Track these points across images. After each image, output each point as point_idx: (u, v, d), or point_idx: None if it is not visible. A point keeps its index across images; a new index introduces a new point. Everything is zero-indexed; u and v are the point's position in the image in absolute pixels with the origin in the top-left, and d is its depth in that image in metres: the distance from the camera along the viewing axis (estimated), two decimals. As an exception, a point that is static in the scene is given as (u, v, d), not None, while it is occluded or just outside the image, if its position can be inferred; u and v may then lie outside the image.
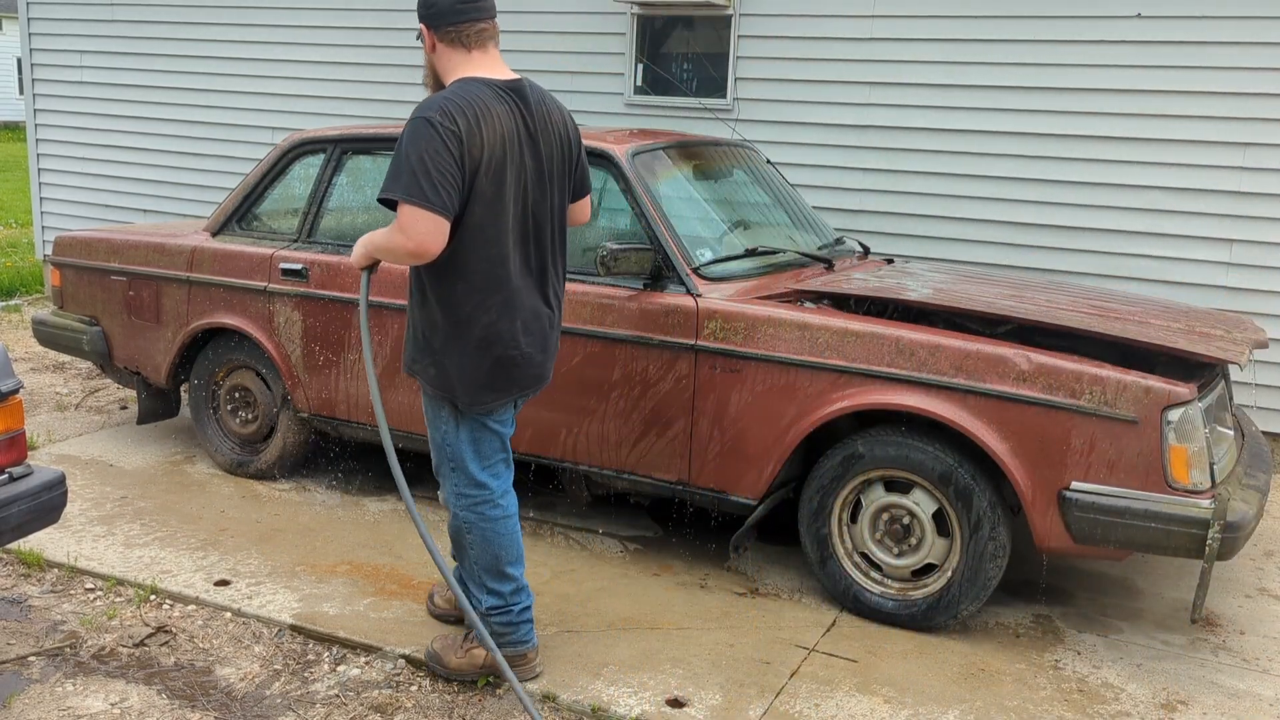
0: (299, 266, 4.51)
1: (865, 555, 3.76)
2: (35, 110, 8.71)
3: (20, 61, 13.41)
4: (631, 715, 3.11)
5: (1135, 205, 5.49)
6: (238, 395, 4.88)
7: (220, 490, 4.72)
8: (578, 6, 6.59)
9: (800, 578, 4.06)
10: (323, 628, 3.54)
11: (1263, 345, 4.06)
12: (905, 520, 3.67)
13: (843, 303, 4.04)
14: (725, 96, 6.29)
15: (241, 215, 4.84)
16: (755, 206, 4.64)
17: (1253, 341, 3.91)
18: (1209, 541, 3.22)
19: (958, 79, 5.74)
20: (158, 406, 5.19)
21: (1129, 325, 3.81)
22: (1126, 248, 5.55)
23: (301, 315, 4.53)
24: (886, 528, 3.70)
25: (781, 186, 4.90)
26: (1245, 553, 4.44)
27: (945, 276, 4.50)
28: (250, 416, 4.86)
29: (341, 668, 3.37)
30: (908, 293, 3.98)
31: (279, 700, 3.19)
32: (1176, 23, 5.30)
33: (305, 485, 4.82)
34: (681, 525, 4.52)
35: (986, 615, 3.83)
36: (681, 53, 6.44)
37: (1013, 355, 3.45)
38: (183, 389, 5.25)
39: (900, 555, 3.69)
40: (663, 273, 3.91)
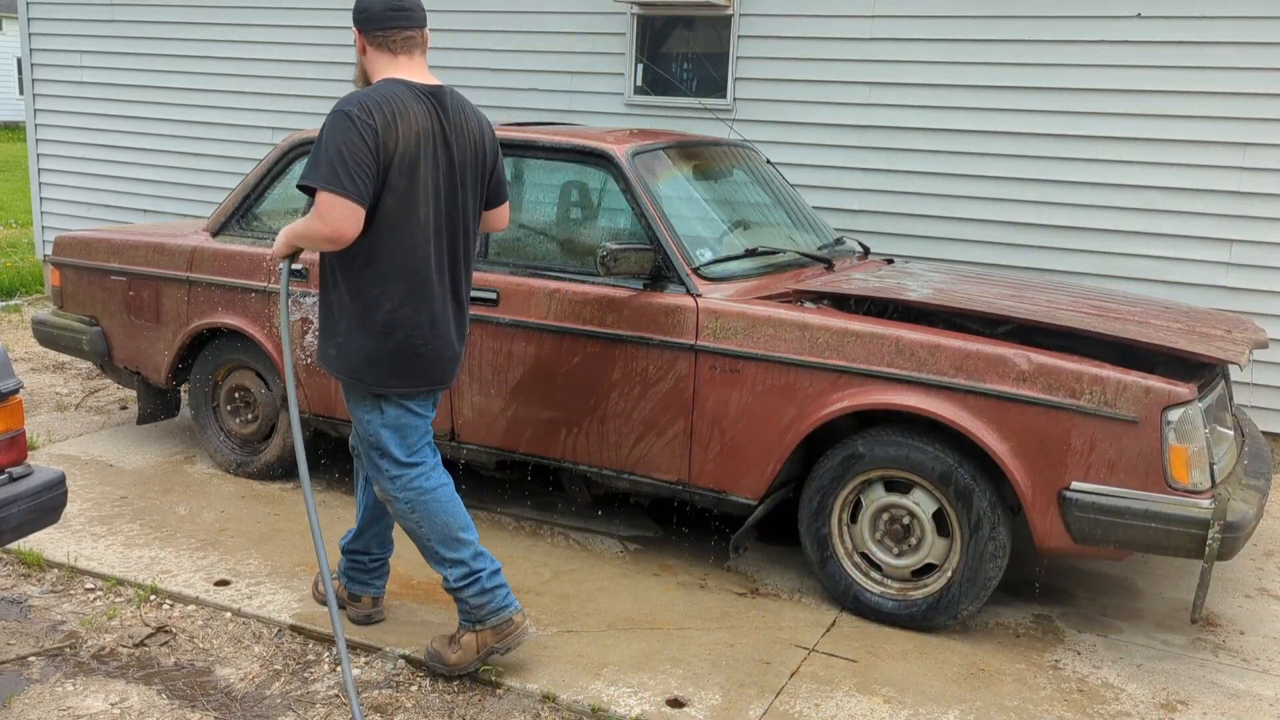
0: (299, 266, 4.51)
1: (865, 555, 3.76)
2: (35, 110, 8.71)
3: (20, 61, 13.40)
4: (631, 715, 3.11)
5: (1135, 205, 5.50)
6: (237, 395, 4.87)
7: (220, 490, 4.72)
8: (578, 6, 6.59)
9: (800, 578, 4.06)
10: (323, 628, 3.54)
11: (1263, 345, 4.06)
12: (905, 520, 3.67)
13: (843, 303, 4.04)
14: (725, 96, 6.29)
15: (241, 215, 4.84)
16: (755, 206, 4.64)
17: (1253, 341, 3.91)
18: (1209, 541, 3.23)
19: (958, 79, 5.74)
20: (158, 406, 5.19)
21: (1129, 325, 3.81)
22: (1126, 248, 5.55)
23: (301, 316, 4.53)
24: (886, 528, 3.70)
25: (781, 186, 4.90)
26: (1245, 553, 4.44)
27: (945, 276, 4.50)
28: (250, 416, 4.86)
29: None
30: (908, 293, 3.98)
31: (279, 700, 3.19)
32: (1176, 23, 5.30)
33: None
34: (681, 525, 4.52)
35: (986, 615, 3.83)
36: (681, 53, 6.44)
37: (1013, 355, 3.46)
38: (183, 389, 5.25)
39: (900, 555, 3.69)
40: (663, 273, 3.91)
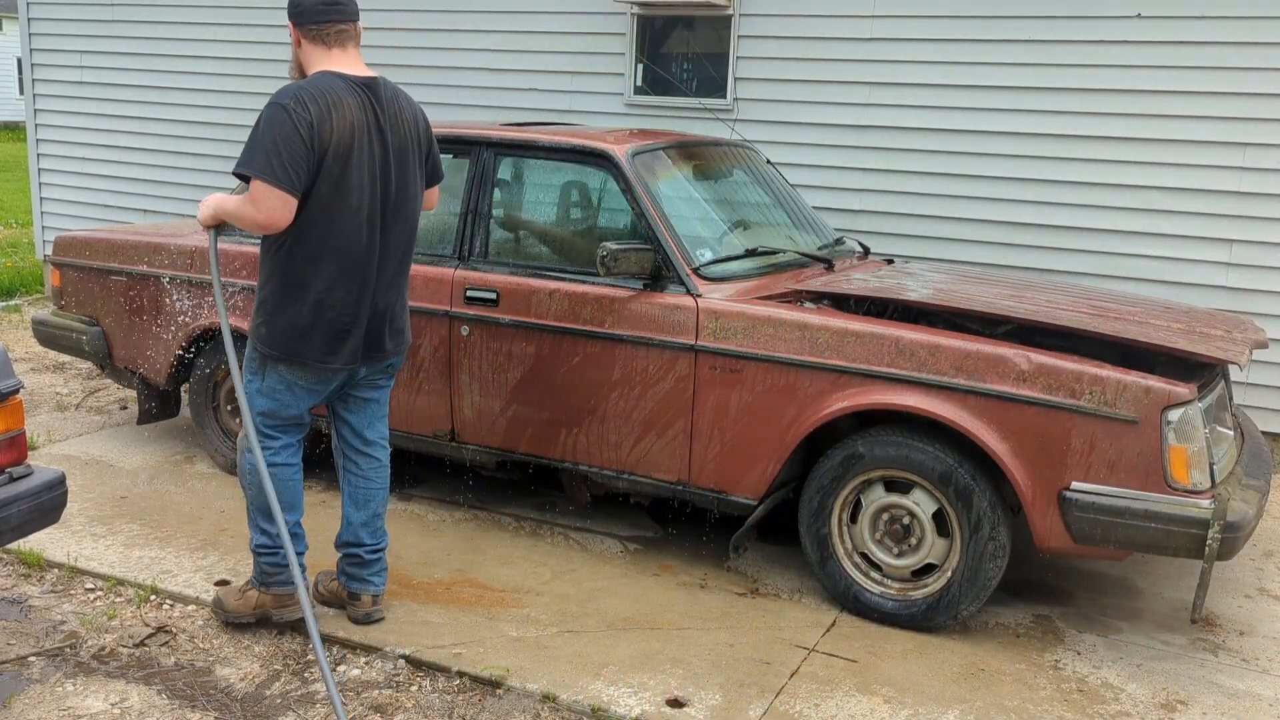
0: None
1: (865, 555, 3.76)
2: (35, 110, 8.71)
3: (20, 61, 13.40)
4: (631, 715, 3.11)
5: (1135, 205, 5.50)
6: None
7: (220, 490, 4.72)
8: (578, 6, 6.59)
9: (800, 578, 4.06)
10: (323, 628, 3.54)
11: (1263, 345, 4.06)
12: (905, 520, 3.67)
13: (843, 303, 4.04)
14: (725, 96, 6.29)
15: (241, 215, 4.83)
16: (755, 206, 4.64)
17: (1253, 341, 3.91)
18: (1209, 541, 3.23)
19: (958, 79, 5.74)
20: (158, 406, 5.19)
21: (1129, 325, 3.81)
22: (1126, 248, 5.55)
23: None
24: (886, 528, 3.70)
25: (781, 186, 4.90)
26: (1245, 553, 4.44)
27: (945, 276, 4.50)
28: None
29: (341, 668, 3.37)
30: (908, 293, 3.98)
31: (279, 700, 3.19)
32: (1176, 23, 5.30)
33: (305, 485, 4.80)
34: (681, 525, 4.52)
35: (986, 615, 3.83)
36: (681, 53, 6.44)
37: (1013, 355, 3.46)
38: (183, 389, 5.25)
39: (900, 555, 3.69)
40: (663, 273, 3.91)
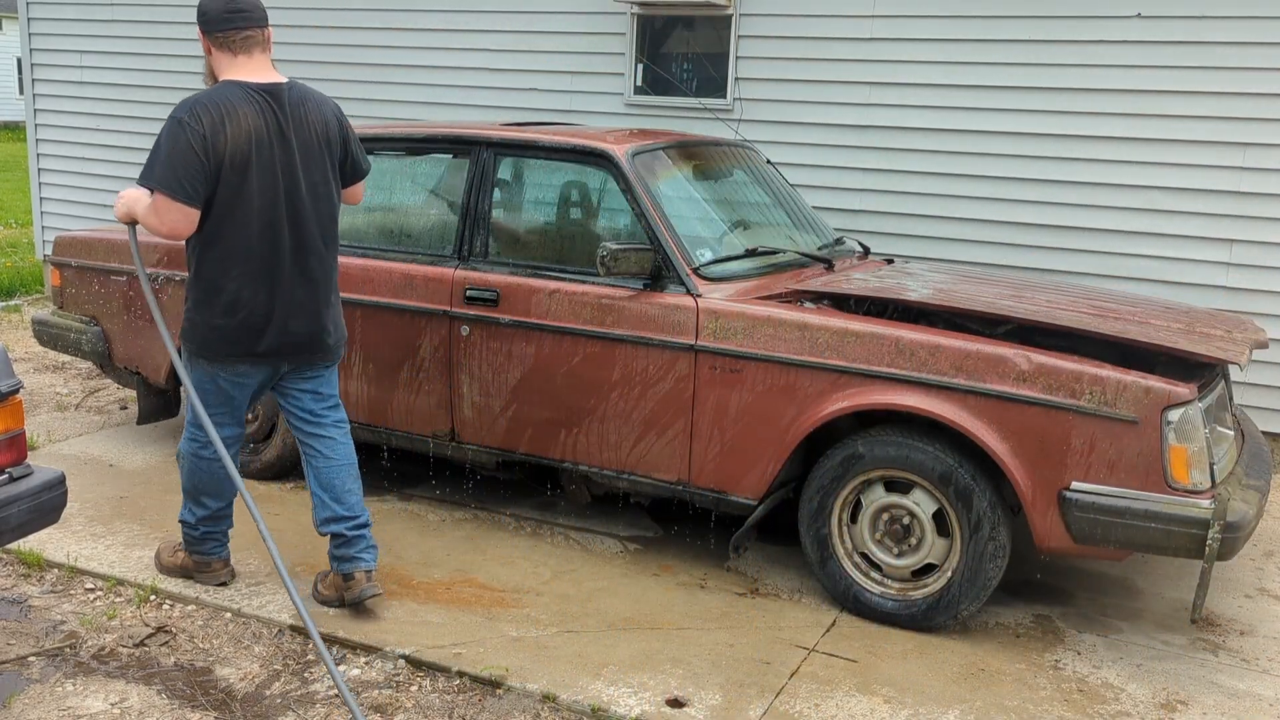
0: None
1: (865, 555, 3.76)
2: (35, 110, 8.71)
3: (20, 61, 13.40)
4: (631, 715, 3.11)
5: (1135, 205, 5.50)
6: (238, 395, 4.87)
7: (220, 490, 4.71)
8: (578, 6, 6.59)
9: (800, 578, 4.06)
10: (323, 628, 3.54)
11: (1263, 345, 4.06)
12: (905, 520, 3.67)
13: (843, 303, 4.04)
14: (725, 96, 6.29)
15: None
16: (755, 206, 4.64)
17: (1253, 341, 3.91)
18: (1209, 541, 3.23)
19: (958, 79, 5.74)
20: (158, 406, 5.18)
21: (1129, 325, 3.81)
22: (1126, 248, 5.55)
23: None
24: (886, 528, 3.70)
25: (781, 186, 4.90)
26: (1245, 553, 4.44)
27: (945, 277, 4.50)
28: (250, 416, 4.85)
29: (341, 668, 3.37)
30: (908, 293, 3.98)
31: (279, 700, 3.19)
32: (1176, 23, 5.30)
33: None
34: (681, 525, 4.52)
35: (986, 615, 3.83)
36: (681, 53, 6.44)
37: (1013, 355, 3.45)
38: (182, 389, 5.25)
39: (900, 555, 3.69)
40: (663, 273, 3.91)
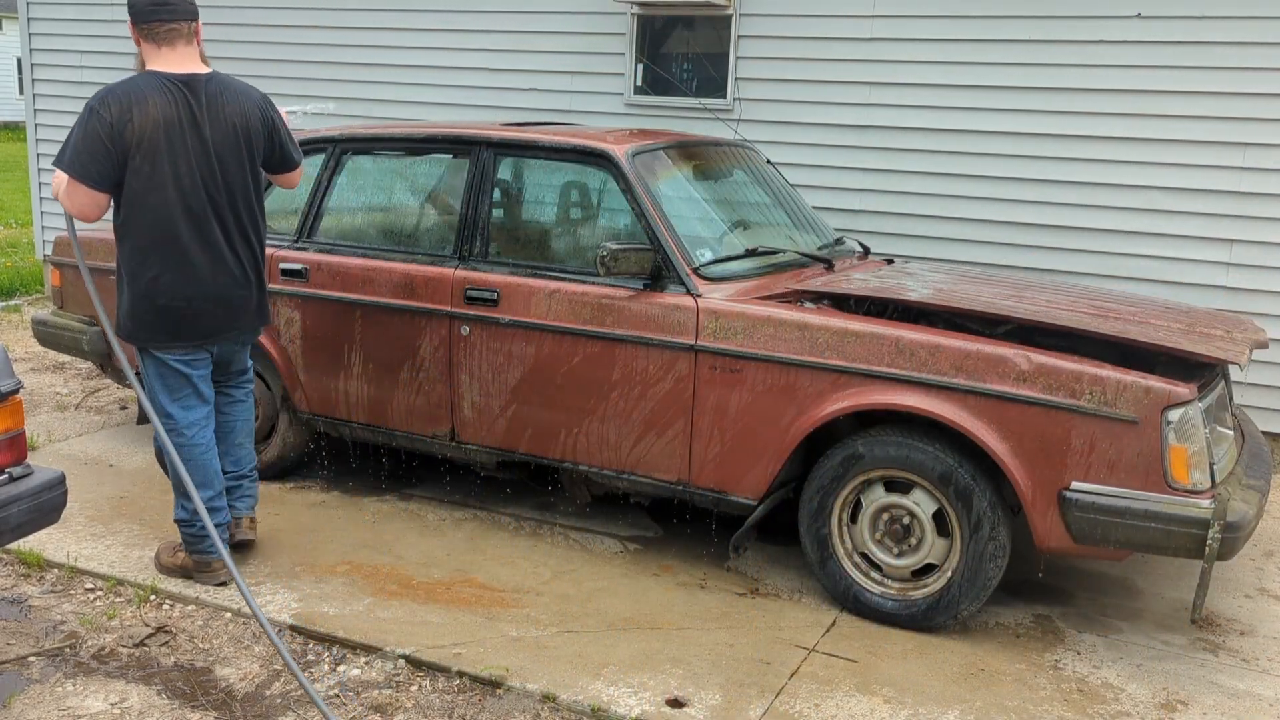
0: (299, 267, 4.51)
1: (865, 555, 3.76)
2: (35, 110, 8.71)
3: (20, 61, 13.40)
4: (631, 715, 3.11)
5: (1135, 205, 5.50)
6: (237, 395, 4.87)
7: (220, 490, 4.71)
8: (578, 6, 6.59)
9: (800, 578, 4.06)
10: (322, 628, 3.54)
11: (1263, 345, 4.06)
12: (905, 520, 3.67)
13: (843, 303, 4.04)
14: (725, 96, 6.29)
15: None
16: (755, 206, 4.64)
17: (1253, 341, 3.91)
18: (1209, 541, 3.23)
19: (958, 79, 5.74)
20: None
21: (1129, 325, 3.81)
22: (1126, 248, 5.55)
23: (301, 315, 4.53)
24: (886, 528, 3.70)
25: (781, 186, 4.90)
26: (1245, 553, 4.44)
27: (945, 277, 4.50)
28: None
29: (341, 668, 3.37)
30: (908, 293, 3.98)
31: (279, 700, 3.19)
32: (1176, 23, 5.30)
33: (304, 485, 4.82)
34: (681, 525, 4.52)
35: (986, 615, 3.83)
36: (681, 53, 6.44)
37: (1013, 355, 3.45)
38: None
39: (900, 555, 3.69)
40: (663, 273, 3.91)
